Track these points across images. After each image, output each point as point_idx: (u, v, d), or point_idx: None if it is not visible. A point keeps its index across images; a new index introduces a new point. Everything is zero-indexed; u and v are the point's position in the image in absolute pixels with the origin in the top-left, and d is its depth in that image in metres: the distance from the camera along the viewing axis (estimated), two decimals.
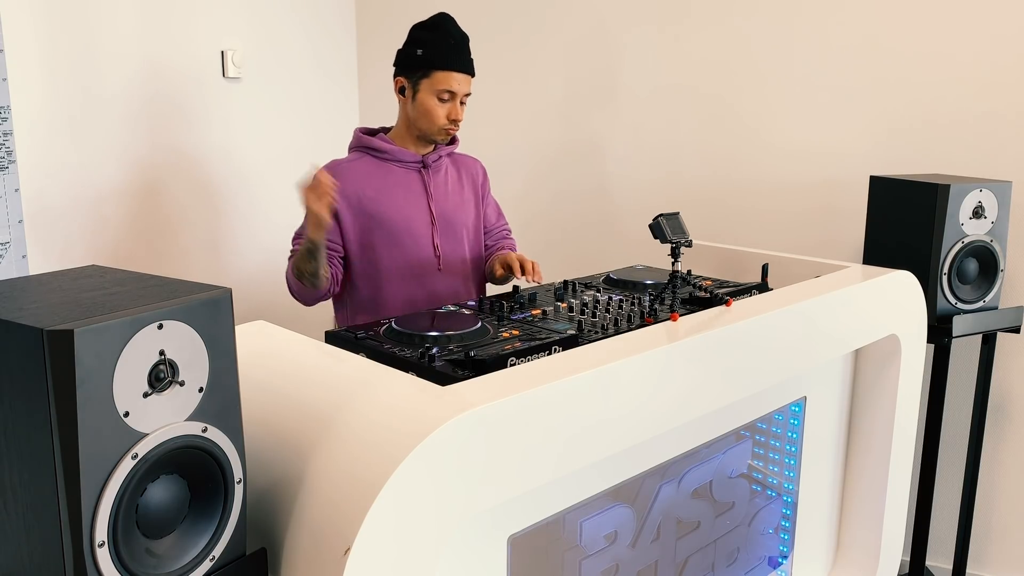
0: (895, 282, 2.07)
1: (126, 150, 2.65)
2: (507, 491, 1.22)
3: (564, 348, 1.54)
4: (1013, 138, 2.54)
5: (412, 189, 2.21)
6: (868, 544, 2.21)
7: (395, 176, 2.21)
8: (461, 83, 2.15)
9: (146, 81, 2.68)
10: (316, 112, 3.28)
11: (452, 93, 2.15)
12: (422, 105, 2.16)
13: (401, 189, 2.20)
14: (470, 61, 2.19)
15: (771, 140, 2.86)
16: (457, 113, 2.17)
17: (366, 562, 1.04)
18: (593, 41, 3.08)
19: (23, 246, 2.30)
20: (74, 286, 1.07)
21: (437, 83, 2.14)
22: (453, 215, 2.26)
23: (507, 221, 2.51)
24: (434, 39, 2.15)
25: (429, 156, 2.24)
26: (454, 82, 2.14)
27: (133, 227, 2.69)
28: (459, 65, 2.15)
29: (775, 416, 1.95)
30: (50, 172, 2.45)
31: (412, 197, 2.21)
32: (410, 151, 2.22)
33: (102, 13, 2.53)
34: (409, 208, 2.20)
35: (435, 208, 2.23)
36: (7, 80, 2.24)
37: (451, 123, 2.18)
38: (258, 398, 1.27)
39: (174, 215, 2.81)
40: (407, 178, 2.22)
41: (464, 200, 2.32)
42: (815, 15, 2.75)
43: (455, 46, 2.16)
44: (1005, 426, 2.67)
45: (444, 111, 2.16)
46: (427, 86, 2.15)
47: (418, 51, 2.16)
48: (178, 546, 1.04)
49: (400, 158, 2.21)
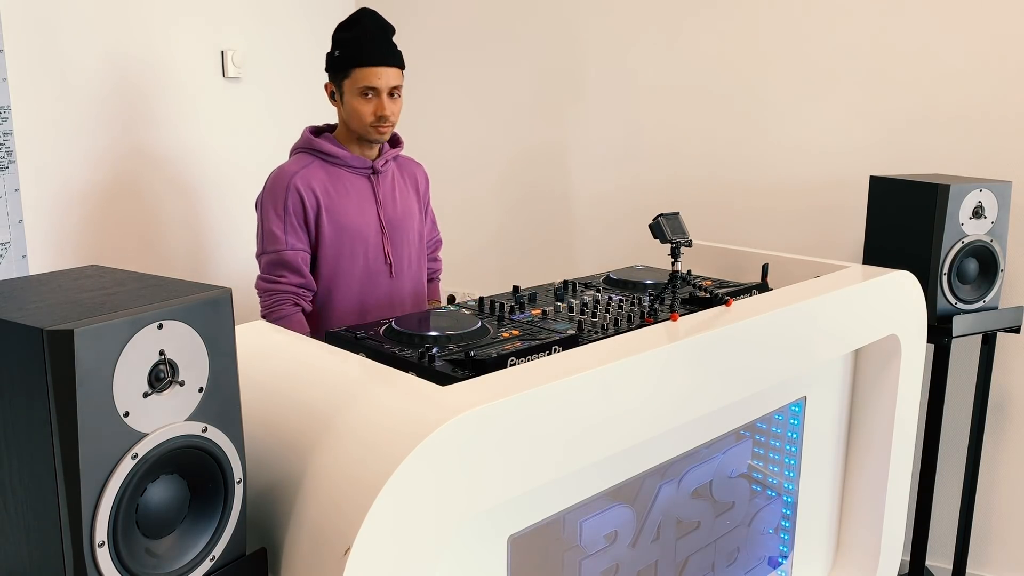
0: (895, 282, 2.07)
1: (126, 150, 2.65)
2: (507, 491, 1.22)
3: (564, 348, 1.54)
4: (1013, 138, 2.54)
5: (362, 196, 2.17)
6: (868, 544, 2.21)
7: (345, 182, 2.16)
8: (383, 77, 2.08)
9: (146, 81, 2.68)
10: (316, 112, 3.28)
11: (374, 89, 2.08)
12: (348, 106, 2.12)
13: (353, 197, 2.16)
14: (394, 53, 2.12)
15: (771, 140, 2.86)
16: (383, 108, 2.09)
17: (366, 562, 1.04)
18: (594, 40, 3.08)
19: (23, 246, 2.30)
20: (74, 286, 1.07)
21: (357, 81, 2.08)
22: (401, 222, 2.24)
23: (440, 232, 2.50)
24: (350, 37, 2.10)
25: (377, 161, 2.20)
26: (374, 77, 2.07)
27: (133, 227, 2.69)
28: (377, 59, 2.08)
29: (775, 416, 1.95)
30: (50, 172, 2.45)
31: (363, 205, 2.17)
32: (358, 156, 2.18)
33: (102, 13, 2.53)
34: (361, 216, 2.16)
35: (383, 215, 2.20)
36: (7, 80, 2.24)
37: (379, 119, 2.10)
38: (258, 398, 1.27)
39: (174, 215, 2.81)
40: (357, 184, 2.17)
41: (409, 205, 2.29)
42: (815, 15, 2.75)
43: (372, 40, 2.09)
44: (1005, 426, 2.67)
45: (370, 108, 2.09)
46: (349, 86, 2.10)
47: (336, 52, 2.12)
48: (178, 546, 1.04)
49: (351, 164, 2.16)
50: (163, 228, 2.78)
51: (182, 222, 2.84)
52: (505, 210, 3.30)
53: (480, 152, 3.32)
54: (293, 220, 2.08)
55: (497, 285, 2.77)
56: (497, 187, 3.32)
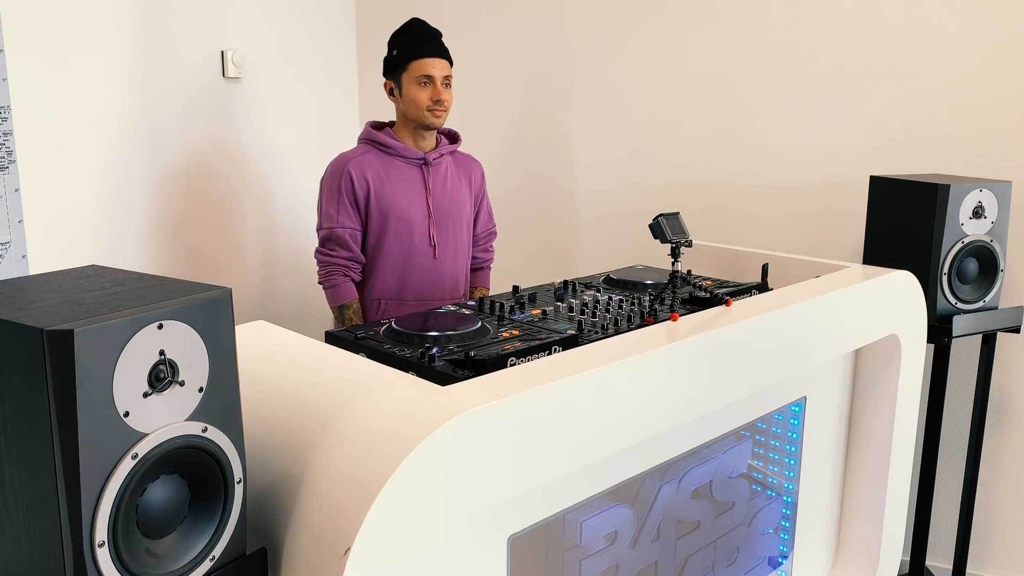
0: (895, 282, 2.07)
1: (126, 150, 2.65)
2: (507, 491, 1.22)
3: (564, 348, 1.54)
4: (1013, 138, 2.54)
5: (413, 183, 2.43)
6: (868, 544, 2.21)
7: (398, 170, 2.42)
8: (436, 67, 2.36)
9: (146, 81, 2.68)
10: (316, 112, 3.28)
11: (429, 77, 2.35)
12: (407, 96, 2.38)
13: (403, 184, 2.41)
14: (443, 48, 2.40)
15: (771, 140, 2.86)
16: (439, 94, 2.36)
17: (366, 562, 1.04)
18: (595, 44, 3.08)
19: (23, 246, 2.30)
20: (74, 286, 1.07)
21: (414, 71, 2.36)
22: (449, 209, 2.48)
23: (495, 224, 2.71)
24: (405, 38, 2.39)
25: (431, 154, 2.45)
26: (428, 67, 2.35)
27: (133, 227, 2.69)
28: (431, 51, 2.36)
29: (775, 416, 1.95)
30: (50, 172, 2.45)
31: (412, 191, 2.42)
32: (412, 148, 2.43)
33: (102, 13, 2.53)
34: (409, 201, 2.41)
35: (432, 202, 2.44)
36: (7, 80, 2.24)
37: (435, 104, 2.36)
38: (258, 398, 1.27)
39: (174, 215, 2.81)
40: (408, 173, 2.43)
41: (460, 196, 2.52)
42: (815, 16, 2.75)
43: (425, 37, 2.38)
44: (1005, 426, 2.67)
45: (427, 94, 2.36)
46: (407, 78, 2.37)
47: (394, 52, 2.41)
48: (178, 546, 1.03)
49: (404, 155, 2.42)
50: (163, 228, 2.78)
51: (182, 222, 2.84)
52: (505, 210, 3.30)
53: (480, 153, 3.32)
54: (345, 200, 2.37)
55: (497, 285, 2.77)
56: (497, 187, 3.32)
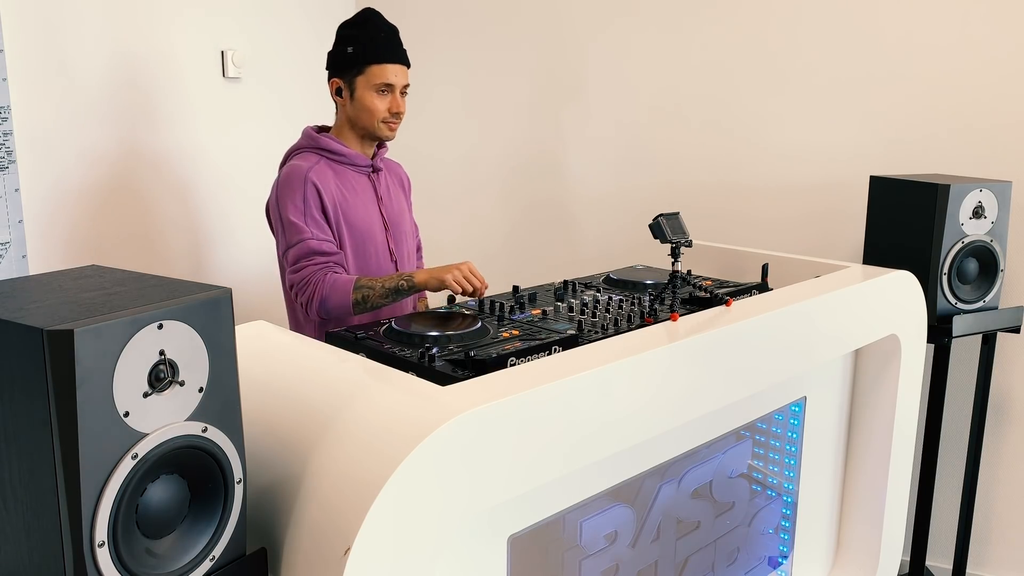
0: (895, 282, 2.07)
1: (126, 150, 2.65)
2: (507, 491, 1.22)
3: (564, 348, 1.54)
4: (1013, 138, 2.54)
5: (366, 194, 2.21)
6: (868, 544, 2.21)
7: (350, 180, 2.19)
8: (397, 74, 2.16)
9: (147, 81, 2.68)
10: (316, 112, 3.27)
11: (390, 85, 2.15)
12: (361, 102, 2.15)
13: (359, 195, 2.19)
14: (403, 52, 2.19)
15: (771, 140, 2.86)
16: (398, 105, 2.17)
17: (366, 562, 1.04)
18: (596, 44, 3.08)
19: (23, 246, 2.30)
20: (74, 286, 1.07)
21: (373, 77, 2.13)
22: (398, 218, 2.29)
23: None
24: (364, 35, 2.15)
25: (376, 160, 2.25)
26: (390, 74, 2.14)
27: (133, 227, 2.69)
28: (393, 57, 2.15)
29: (775, 416, 1.95)
30: (50, 172, 2.45)
31: (367, 203, 2.21)
32: (360, 154, 2.21)
33: (102, 13, 2.53)
34: (367, 214, 2.20)
35: (385, 212, 2.24)
36: (7, 80, 2.24)
37: (393, 116, 2.17)
38: (258, 398, 1.27)
39: (174, 215, 2.81)
40: (360, 182, 2.21)
41: (402, 204, 2.34)
42: (814, 16, 2.75)
43: (386, 39, 2.16)
44: (1005, 426, 2.67)
45: (385, 104, 2.15)
46: (363, 83, 2.14)
47: (348, 49, 2.15)
48: (178, 546, 1.04)
49: (355, 162, 2.20)
50: (163, 228, 2.78)
51: (182, 222, 2.84)
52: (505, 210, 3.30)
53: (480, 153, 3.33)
54: (314, 212, 2.08)
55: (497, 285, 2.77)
56: (497, 188, 3.32)
